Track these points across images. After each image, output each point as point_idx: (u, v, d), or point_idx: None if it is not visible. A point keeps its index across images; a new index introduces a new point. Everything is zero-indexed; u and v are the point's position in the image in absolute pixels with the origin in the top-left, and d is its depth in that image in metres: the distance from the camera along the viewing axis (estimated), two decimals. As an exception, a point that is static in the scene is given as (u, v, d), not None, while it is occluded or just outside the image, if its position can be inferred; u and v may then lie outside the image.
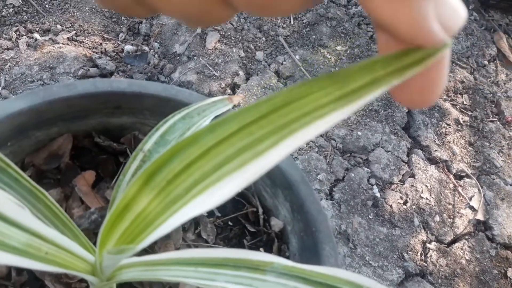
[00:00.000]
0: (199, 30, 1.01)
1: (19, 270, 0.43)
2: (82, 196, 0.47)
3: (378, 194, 0.89)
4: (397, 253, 0.83)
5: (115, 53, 0.94)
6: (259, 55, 1.03)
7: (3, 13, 0.93)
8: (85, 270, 0.34)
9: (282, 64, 1.02)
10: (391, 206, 0.88)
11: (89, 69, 0.88)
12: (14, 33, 0.90)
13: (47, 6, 0.97)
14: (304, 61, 1.04)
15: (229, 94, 0.94)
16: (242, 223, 0.52)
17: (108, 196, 0.50)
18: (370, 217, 0.86)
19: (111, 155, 0.52)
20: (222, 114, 0.49)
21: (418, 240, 0.87)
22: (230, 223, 0.53)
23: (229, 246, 0.52)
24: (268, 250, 0.50)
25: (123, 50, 0.95)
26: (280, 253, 0.49)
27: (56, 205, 0.35)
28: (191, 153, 0.29)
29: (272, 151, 0.27)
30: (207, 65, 0.96)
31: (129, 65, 0.94)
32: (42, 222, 0.31)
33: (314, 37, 1.10)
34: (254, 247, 0.50)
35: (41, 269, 0.35)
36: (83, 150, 0.52)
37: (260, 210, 0.52)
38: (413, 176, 0.96)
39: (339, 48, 1.10)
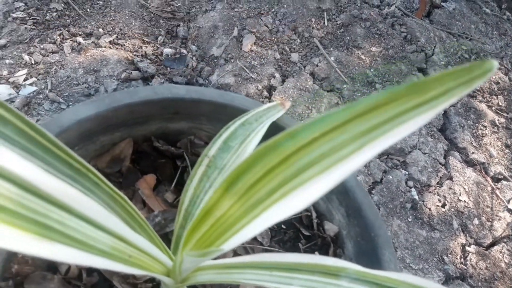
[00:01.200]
0: (235, 33, 1.02)
1: (89, 271, 0.45)
2: (145, 199, 0.49)
3: (416, 197, 0.89)
4: (437, 256, 0.83)
5: (154, 56, 0.96)
6: (294, 57, 1.03)
7: (47, 17, 0.95)
8: (162, 272, 0.36)
9: (317, 65, 1.02)
10: (429, 209, 0.88)
11: (131, 72, 0.90)
12: (58, 37, 0.93)
13: (88, 10, 1.00)
14: (339, 63, 1.04)
15: (265, 97, 0.95)
16: (296, 226, 0.53)
17: (168, 198, 0.51)
18: (409, 219, 0.86)
19: (169, 159, 0.54)
20: (277, 120, 0.50)
21: (458, 243, 0.86)
22: (283, 226, 0.54)
23: (284, 249, 0.53)
24: (323, 254, 0.51)
25: (162, 53, 0.97)
26: (336, 257, 0.50)
27: (135, 208, 0.37)
28: (272, 159, 0.31)
29: (355, 156, 0.28)
30: (244, 67, 0.97)
31: (168, 68, 0.96)
32: (125, 225, 0.33)
33: (348, 38, 1.10)
34: (309, 251, 0.51)
35: (126, 272, 0.36)
36: (143, 154, 0.54)
37: (314, 215, 0.53)
38: (450, 178, 0.95)
39: (373, 49, 1.10)
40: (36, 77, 0.86)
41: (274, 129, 0.48)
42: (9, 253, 0.42)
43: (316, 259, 0.36)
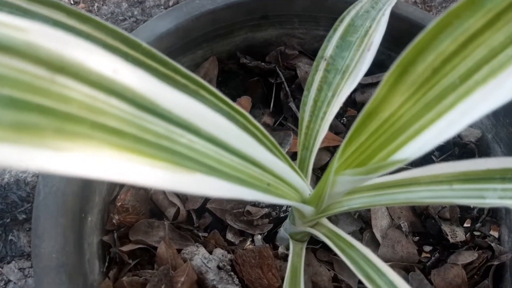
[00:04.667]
0: None
1: (199, 213, 0.38)
2: (244, 124, 0.41)
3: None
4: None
5: (199, -22, 0.85)
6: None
7: (76, -49, 0.85)
8: (299, 201, 0.29)
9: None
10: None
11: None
12: (93, -29, 0.83)
13: None
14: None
15: None
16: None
17: (268, 122, 0.43)
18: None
19: (260, 77, 0.45)
20: (394, 8, 0.39)
21: None
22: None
23: (411, 166, 0.45)
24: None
25: (207, -28, 0.86)
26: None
27: (262, 129, 0.29)
28: (470, 25, 0.21)
29: None
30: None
31: (217, -11, 0.85)
32: (261, 147, 0.25)
33: None
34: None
35: (265, 201, 0.29)
36: (229, 74, 0.45)
37: (444, 120, 0.44)
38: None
39: None
40: (78, 18, 0.78)
41: (392, 20, 0.38)
42: (105, 202, 0.36)
43: (509, 162, 0.27)
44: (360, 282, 0.37)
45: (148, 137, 0.17)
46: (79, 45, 0.16)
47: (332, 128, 0.44)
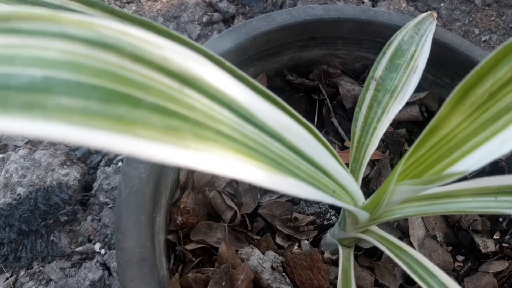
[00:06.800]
0: (313, -41, 0.93)
1: (252, 218, 0.41)
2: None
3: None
4: None
5: (230, -5, 0.89)
6: (380, -21, 0.93)
7: (114, -33, 0.90)
8: (354, 205, 0.32)
9: (408, -15, 0.92)
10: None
11: (212, 15, 0.84)
12: (130, -14, 0.88)
13: (154, -46, 0.93)
14: (431, -20, 0.93)
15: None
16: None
17: (312, 135, 0.47)
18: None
19: (303, 93, 0.49)
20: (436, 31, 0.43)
21: None
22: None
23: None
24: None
25: (237, -9, 0.90)
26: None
27: (329, 145, 0.32)
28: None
29: None
30: (328, -4, 0.89)
31: (247, 6, 0.89)
32: (332, 158, 0.28)
33: (435, -49, 0.98)
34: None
35: (334, 204, 0.32)
36: (276, 89, 0.49)
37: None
38: None
39: (466, -40, 0.98)
40: (116, 31, 0.81)
41: (431, 44, 0.41)
42: (168, 205, 0.39)
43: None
44: (400, 286, 0.40)
45: (250, 143, 0.21)
46: (199, 60, 0.19)
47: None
